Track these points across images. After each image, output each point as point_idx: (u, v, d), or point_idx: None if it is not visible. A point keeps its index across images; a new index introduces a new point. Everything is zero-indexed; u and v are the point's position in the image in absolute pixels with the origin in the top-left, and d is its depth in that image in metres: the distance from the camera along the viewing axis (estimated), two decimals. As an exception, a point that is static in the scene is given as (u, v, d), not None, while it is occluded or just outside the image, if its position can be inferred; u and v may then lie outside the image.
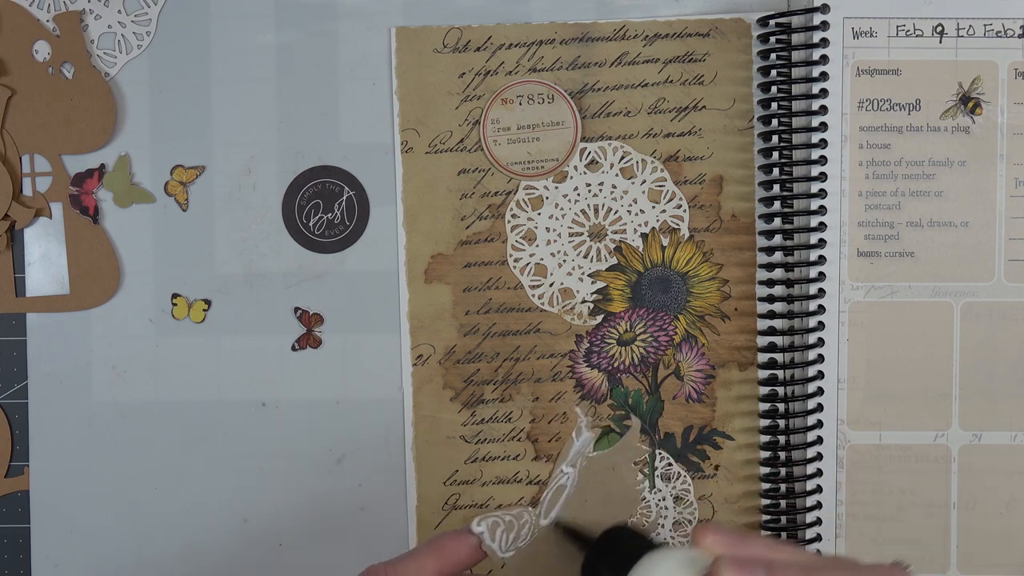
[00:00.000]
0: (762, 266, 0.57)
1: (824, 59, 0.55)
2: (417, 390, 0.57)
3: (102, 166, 0.58)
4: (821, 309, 0.56)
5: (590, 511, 0.44)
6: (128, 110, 0.58)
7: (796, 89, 0.55)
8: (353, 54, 0.57)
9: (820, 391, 0.56)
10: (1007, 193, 0.56)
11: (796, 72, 0.56)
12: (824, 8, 0.55)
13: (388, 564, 0.43)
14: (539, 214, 0.57)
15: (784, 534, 0.56)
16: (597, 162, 0.57)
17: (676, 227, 0.57)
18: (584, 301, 0.57)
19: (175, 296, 0.58)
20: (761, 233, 0.57)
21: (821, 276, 0.56)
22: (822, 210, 0.56)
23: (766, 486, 0.57)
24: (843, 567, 0.37)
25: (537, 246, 0.57)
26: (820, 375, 0.56)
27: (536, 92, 0.57)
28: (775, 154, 0.56)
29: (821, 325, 0.56)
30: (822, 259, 0.56)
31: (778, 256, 0.56)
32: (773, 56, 0.56)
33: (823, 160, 0.56)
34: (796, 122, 0.56)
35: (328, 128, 0.58)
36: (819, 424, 0.56)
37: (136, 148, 0.58)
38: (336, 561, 0.58)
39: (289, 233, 0.58)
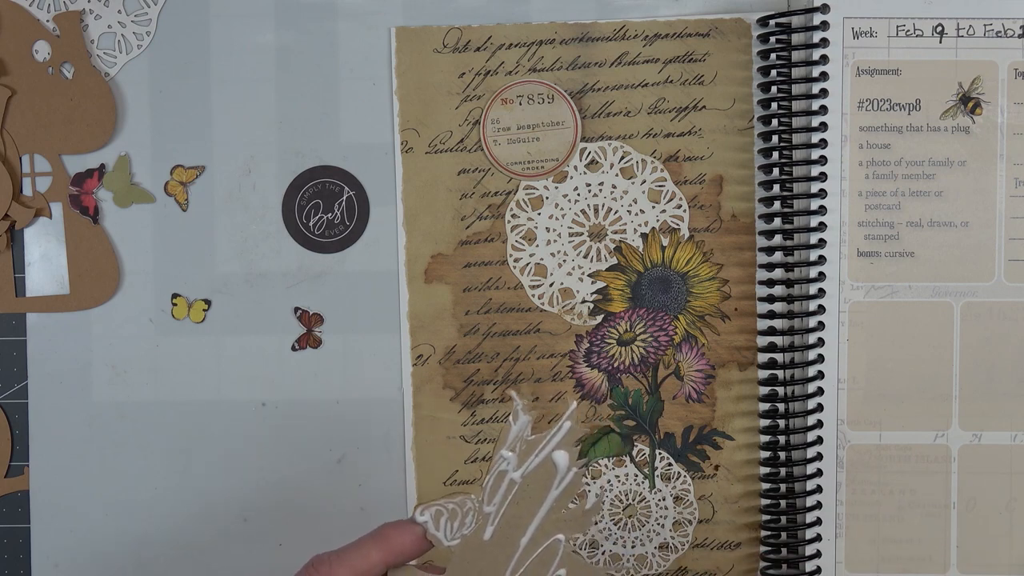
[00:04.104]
0: (762, 266, 0.57)
1: (824, 59, 0.55)
2: (417, 390, 0.57)
3: (102, 166, 0.58)
4: (821, 309, 0.56)
5: (533, 495, 0.44)
6: (128, 110, 0.58)
7: (796, 89, 0.55)
8: (353, 54, 0.57)
9: (820, 391, 0.56)
10: (1007, 193, 0.56)
11: (796, 72, 0.56)
12: (824, 8, 0.55)
13: (333, 554, 0.43)
14: (539, 214, 0.57)
15: (784, 534, 0.56)
16: (597, 162, 0.57)
17: (676, 227, 0.57)
18: (584, 301, 0.57)
19: (175, 296, 0.58)
20: (761, 233, 0.57)
21: (821, 276, 0.56)
22: (822, 210, 0.56)
23: (766, 486, 0.57)
24: None
25: (537, 246, 0.57)
26: (820, 375, 0.56)
27: (536, 92, 0.57)
28: (775, 154, 0.56)
29: (821, 325, 0.56)
30: (822, 259, 0.56)
31: (778, 256, 0.56)
32: (773, 56, 0.56)
33: (823, 160, 0.56)
34: (796, 122, 0.56)
35: (328, 128, 0.58)
36: (819, 424, 0.56)
37: (136, 148, 0.58)
38: (336, 561, 0.58)
39: (289, 233, 0.58)
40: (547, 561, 0.44)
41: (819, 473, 0.56)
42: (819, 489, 0.56)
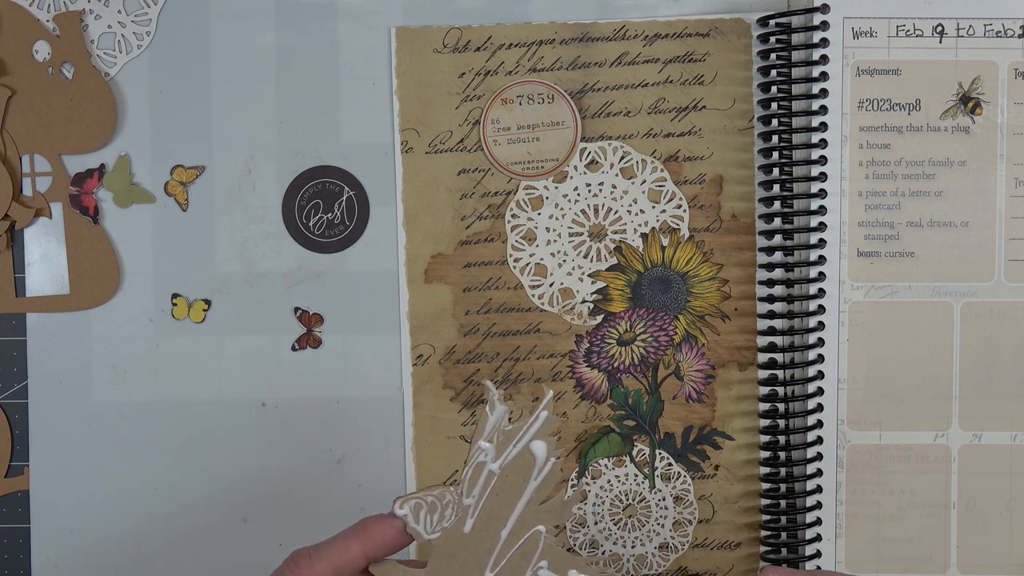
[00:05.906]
0: (762, 266, 0.57)
1: (824, 59, 0.55)
2: (417, 390, 0.57)
3: (102, 166, 0.58)
4: (821, 309, 0.56)
5: (512, 487, 0.44)
6: (128, 110, 0.58)
7: (796, 89, 0.55)
8: (353, 54, 0.57)
9: (820, 391, 0.56)
10: (1007, 193, 0.56)
11: (796, 72, 0.56)
12: (824, 8, 0.55)
13: (313, 548, 0.43)
14: (539, 214, 0.57)
15: (784, 534, 0.56)
16: (597, 162, 0.57)
17: (676, 227, 0.57)
18: (584, 301, 0.57)
19: (175, 296, 0.58)
20: (761, 233, 0.57)
21: (821, 276, 0.56)
22: (822, 210, 0.56)
23: (766, 486, 0.57)
24: None
25: (537, 246, 0.57)
26: (820, 375, 0.56)
27: (536, 92, 0.57)
28: (775, 154, 0.56)
29: (821, 325, 0.56)
30: (822, 259, 0.56)
31: (778, 256, 0.56)
32: (773, 56, 0.56)
33: (823, 160, 0.56)
34: (796, 122, 0.56)
35: (328, 128, 0.58)
36: (819, 424, 0.56)
37: (136, 148, 0.58)
38: (336, 561, 0.57)
39: (289, 233, 0.58)
40: (528, 553, 0.44)
41: (819, 473, 0.56)
42: (819, 489, 0.56)
